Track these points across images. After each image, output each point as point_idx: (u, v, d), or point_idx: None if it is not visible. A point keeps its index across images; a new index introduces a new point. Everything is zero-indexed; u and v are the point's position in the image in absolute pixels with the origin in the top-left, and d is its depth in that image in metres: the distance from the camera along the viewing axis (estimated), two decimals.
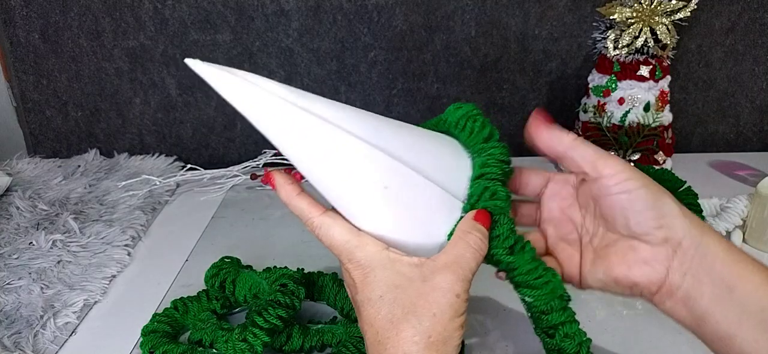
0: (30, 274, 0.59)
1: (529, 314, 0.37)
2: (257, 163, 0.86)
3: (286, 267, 0.52)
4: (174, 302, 0.51)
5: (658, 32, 0.69)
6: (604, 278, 0.37)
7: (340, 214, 0.36)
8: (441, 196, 0.36)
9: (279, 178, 0.37)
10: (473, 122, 0.39)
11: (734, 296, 0.32)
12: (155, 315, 0.50)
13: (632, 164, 0.36)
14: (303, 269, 0.54)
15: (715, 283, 0.33)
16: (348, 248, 0.35)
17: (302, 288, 0.47)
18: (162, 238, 0.69)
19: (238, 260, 0.55)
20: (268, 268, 0.53)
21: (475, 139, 0.38)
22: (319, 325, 0.48)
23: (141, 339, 0.48)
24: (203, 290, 0.53)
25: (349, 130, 0.35)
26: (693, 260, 0.33)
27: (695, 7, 0.69)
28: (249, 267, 0.55)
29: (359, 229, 0.35)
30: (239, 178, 0.83)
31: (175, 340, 0.48)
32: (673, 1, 0.69)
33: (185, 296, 0.52)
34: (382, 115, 0.93)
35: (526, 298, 0.36)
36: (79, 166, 0.86)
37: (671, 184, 0.66)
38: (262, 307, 0.45)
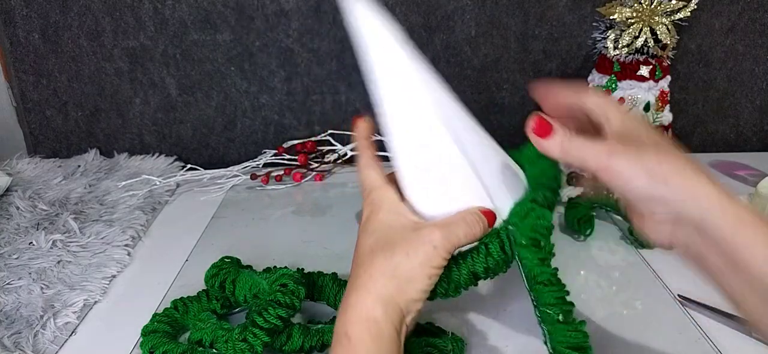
0: (30, 274, 0.59)
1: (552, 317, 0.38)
2: (257, 163, 0.86)
3: (286, 267, 0.52)
4: (174, 302, 0.51)
5: (658, 32, 0.69)
6: (635, 226, 0.38)
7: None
8: (483, 199, 0.39)
9: (360, 124, 0.44)
10: (544, 160, 0.40)
11: (739, 272, 0.32)
12: (155, 315, 0.50)
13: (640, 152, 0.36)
14: (303, 269, 0.54)
15: (719, 257, 0.33)
16: (370, 187, 0.41)
17: (302, 288, 0.47)
18: (162, 238, 0.69)
19: (238, 260, 0.55)
20: (268, 268, 0.53)
21: (538, 176, 0.40)
22: (319, 325, 0.48)
23: (141, 339, 0.48)
24: (203, 290, 0.53)
25: (427, 101, 0.40)
26: (695, 236, 0.34)
27: (695, 7, 0.69)
28: (249, 267, 0.55)
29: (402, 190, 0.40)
30: (239, 178, 0.83)
31: (175, 340, 0.48)
32: (673, 1, 0.68)
33: (185, 296, 0.52)
34: None
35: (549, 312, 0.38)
36: (79, 166, 0.86)
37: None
38: (262, 307, 0.45)
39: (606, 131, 0.37)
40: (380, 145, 0.44)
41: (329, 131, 0.90)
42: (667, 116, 0.74)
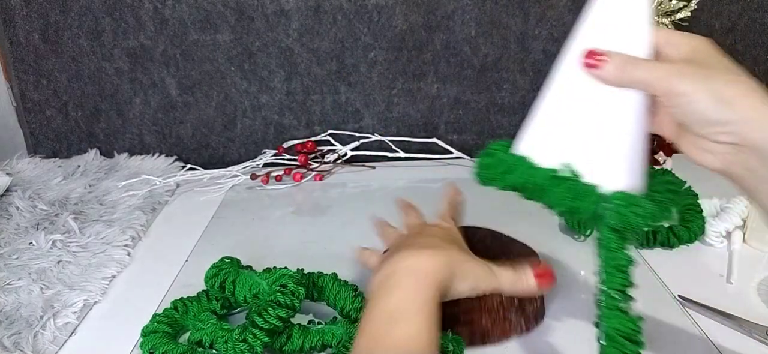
0: (30, 274, 0.59)
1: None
2: (257, 163, 0.86)
3: (286, 267, 0.52)
4: (174, 302, 0.51)
5: None
6: (680, 149, 0.38)
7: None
8: (596, 169, 0.38)
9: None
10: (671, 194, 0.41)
11: None
12: (155, 315, 0.50)
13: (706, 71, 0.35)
14: (303, 269, 0.54)
15: None
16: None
17: (302, 289, 0.47)
18: (162, 238, 0.69)
19: (237, 260, 0.55)
20: (268, 268, 0.53)
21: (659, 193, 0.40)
22: (319, 325, 0.48)
23: (141, 339, 0.48)
24: (203, 290, 0.53)
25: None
26: (754, 161, 0.33)
27: (695, 7, 0.69)
28: (249, 267, 0.55)
29: None
30: (239, 178, 0.83)
31: (175, 340, 0.48)
32: (673, 1, 0.69)
33: (185, 296, 0.52)
34: (381, 115, 0.93)
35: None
36: (79, 166, 0.86)
37: (671, 184, 0.66)
38: (261, 308, 0.45)
39: (672, 56, 0.37)
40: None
41: (329, 131, 0.90)
42: None
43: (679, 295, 0.53)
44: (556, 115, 0.40)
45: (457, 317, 0.47)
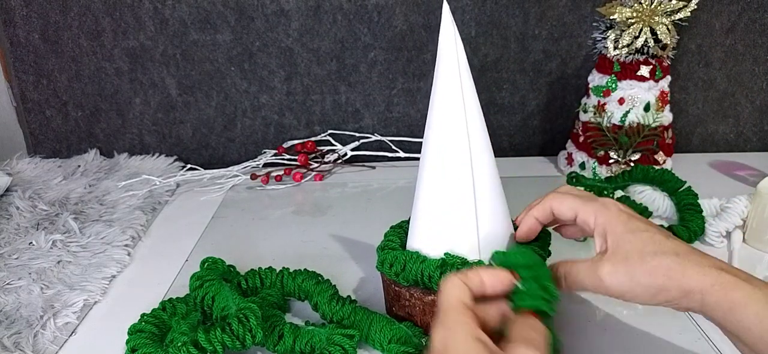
0: (30, 274, 0.59)
1: None
2: (257, 163, 0.86)
3: (284, 268, 0.51)
4: (163, 303, 0.50)
5: (658, 32, 0.69)
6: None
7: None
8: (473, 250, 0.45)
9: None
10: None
11: (741, 343, 0.35)
12: (143, 315, 0.49)
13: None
14: (304, 269, 0.54)
15: (724, 330, 0.36)
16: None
17: (260, 332, 0.44)
18: (162, 238, 0.69)
19: (222, 268, 0.54)
20: (252, 269, 0.52)
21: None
22: (310, 327, 0.48)
23: (127, 337, 0.47)
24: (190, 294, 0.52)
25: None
26: (717, 315, 0.36)
27: (695, 7, 0.69)
28: (237, 273, 0.54)
29: None
30: (239, 178, 0.83)
31: (161, 341, 0.47)
32: (673, 1, 0.69)
33: (174, 297, 0.51)
34: (381, 115, 0.93)
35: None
36: (79, 166, 0.86)
37: (671, 184, 0.66)
38: (213, 327, 0.44)
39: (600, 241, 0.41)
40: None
41: (329, 131, 0.90)
42: (667, 116, 0.74)
43: None
44: (432, 213, 0.46)
45: None
